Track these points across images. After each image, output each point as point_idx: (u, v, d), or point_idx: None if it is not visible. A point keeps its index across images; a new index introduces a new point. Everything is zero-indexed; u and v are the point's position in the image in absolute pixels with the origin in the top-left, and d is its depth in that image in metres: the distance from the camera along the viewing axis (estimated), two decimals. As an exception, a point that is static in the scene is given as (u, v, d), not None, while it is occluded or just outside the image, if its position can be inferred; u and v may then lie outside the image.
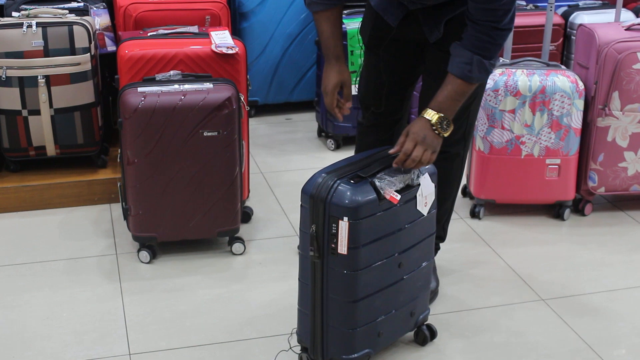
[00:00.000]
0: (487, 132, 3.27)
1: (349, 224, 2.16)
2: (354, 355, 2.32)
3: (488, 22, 2.24)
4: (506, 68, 3.25)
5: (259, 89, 4.45)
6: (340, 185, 2.17)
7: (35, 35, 3.22)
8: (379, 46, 2.60)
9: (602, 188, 3.39)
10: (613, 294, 2.89)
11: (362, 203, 2.16)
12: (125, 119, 2.82)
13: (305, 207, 2.24)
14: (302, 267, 2.31)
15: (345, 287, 2.25)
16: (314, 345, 2.35)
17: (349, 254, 2.19)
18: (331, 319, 2.29)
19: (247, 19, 4.32)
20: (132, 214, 2.96)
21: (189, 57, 3.01)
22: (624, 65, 3.18)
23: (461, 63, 2.29)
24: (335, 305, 2.27)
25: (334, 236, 2.18)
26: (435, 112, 2.30)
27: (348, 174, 2.22)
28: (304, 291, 2.33)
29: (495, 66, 2.27)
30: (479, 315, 2.74)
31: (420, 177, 2.32)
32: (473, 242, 3.24)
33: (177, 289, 2.86)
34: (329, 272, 2.24)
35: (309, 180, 2.23)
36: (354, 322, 2.29)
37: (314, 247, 2.21)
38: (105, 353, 2.51)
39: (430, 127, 2.30)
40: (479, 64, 2.27)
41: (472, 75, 2.29)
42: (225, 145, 2.89)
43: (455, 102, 2.32)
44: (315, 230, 2.20)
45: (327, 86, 2.52)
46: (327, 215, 2.18)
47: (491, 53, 2.28)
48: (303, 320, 2.37)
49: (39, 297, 2.80)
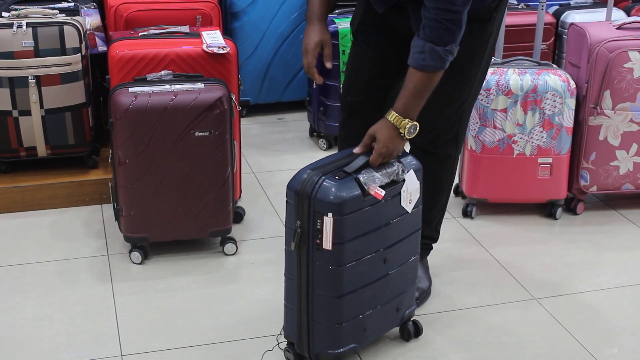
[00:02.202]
0: (479, 132, 3.27)
1: (334, 219, 2.16)
2: (340, 350, 2.33)
3: (434, 6, 2.20)
4: (498, 67, 3.25)
5: (251, 88, 4.44)
6: (325, 181, 2.18)
7: (25, 35, 3.21)
8: (368, 33, 2.58)
9: (594, 187, 3.40)
10: (605, 292, 2.89)
11: (346, 199, 2.17)
12: (117, 119, 2.81)
13: (290, 203, 2.24)
14: (288, 262, 2.32)
15: (331, 283, 2.26)
16: (300, 340, 2.36)
17: (333, 250, 2.20)
18: (317, 314, 2.30)
19: (238, 18, 4.31)
20: (124, 215, 2.95)
21: (180, 57, 3.00)
22: (615, 64, 3.19)
23: (416, 53, 2.25)
24: (321, 300, 2.28)
25: (318, 232, 2.19)
26: (401, 117, 2.28)
27: (333, 170, 2.23)
28: (290, 287, 2.34)
29: (454, 53, 2.25)
30: (471, 314, 2.74)
31: (405, 172, 2.32)
32: (465, 241, 3.24)
33: (169, 289, 2.86)
34: (315, 268, 2.25)
35: (294, 177, 2.24)
36: (340, 317, 2.30)
37: (295, 241, 2.21)
38: (97, 354, 2.50)
39: (398, 135, 2.29)
40: (431, 52, 2.22)
41: (426, 64, 2.24)
42: (216, 145, 2.89)
43: (419, 99, 2.29)
44: (300, 226, 2.21)
45: (308, 44, 2.47)
46: (311, 211, 2.18)
47: (443, 39, 2.22)
48: (289, 315, 2.38)
49: (30, 298, 2.79)
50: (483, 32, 2.50)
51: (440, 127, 2.60)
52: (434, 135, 2.60)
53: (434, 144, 2.61)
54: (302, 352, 2.38)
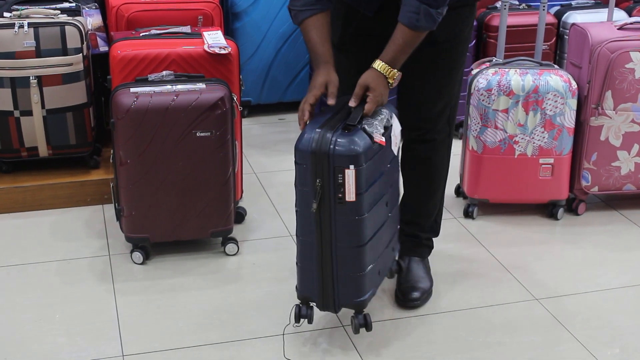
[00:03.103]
0: (481, 132, 3.27)
1: (356, 171, 2.24)
2: (364, 297, 2.42)
3: None
4: (499, 68, 3.25)
5: (252, 89, 4.44)
6: (338, 137, 2.25)
7: (27, 35, 3.21)
8: (352, 43, 2.59)
9: (596, 187, 3.40)
10: (606, 293, 2.89)
11: (363, 149, 2.25)
12: (118, 119, 2.81)
13: (303, 164, 2.29)
14: (301, 223, 2.36)
15: (354, 233, 2.33)
16: (324, 296, 2.42)
17: (357, 200, 2.27)
18: (341, 267, 2.37)
19: (239, 18, 4.31)
20: (125, 215, 2.95)
21: (181, 57, 3.00)
22: (616, 64, 3.19)
23: (409, 12, 2.32)
24: (344, 252, 2.35)
25: (340, 186, 2.26)
26: (389, 67, 2.37)
27: (337, 124, 2.31)
28: (305, 248, 2.39)
29: (443, 14, 2.34)
30: (472, 315, 2.74)
31: (392, 118, 2.44)
32: (466, 241, 3.23)
33: (171, 289, 2.86)
34: (337, 222, 2.31)
35: (302, 139, 2.28)
36: (363, 265, 2.38)
37: (316, 200, 2.28)
38: (98, 354, 2.50)
39: (387, 84, 2.39)
40: (426, 13, 2.30)
41: (419, 25, 2.32)
42: (218, 145, 2.89)
43: (405, 53, 2.39)
44: (320, 184, 2.27)
45: (313, 85, 2.48)
46: (331, 167, 2.25)
47: (437, 2, 2.30)
48: (307, 276, 2.42)
49: (31, 298, 2.79)
50: (472, 17, 2.61)
51: (436, 116, 2.66)
52: (430, 125, 2.67)
53: (432, 132, 2.68)
54: (327, 309, 2.44)
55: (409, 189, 2.81)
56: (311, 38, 2.46)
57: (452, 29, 2.52)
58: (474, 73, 3.30)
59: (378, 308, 2.73)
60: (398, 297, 2.77)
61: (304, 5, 2.44)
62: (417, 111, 2.66)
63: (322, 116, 2.37)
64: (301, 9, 2.45)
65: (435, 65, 2.57)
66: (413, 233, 2.83)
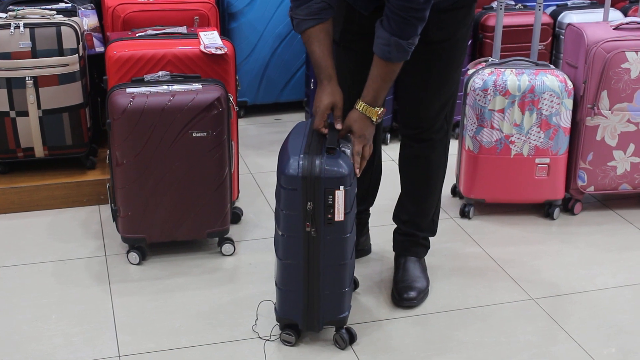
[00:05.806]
0: (477, 132, 3.28)
1: (345, 191, 2.32)
2: (346, 312, 2.50)
3: (399, 3, 2.25)
4: (495, 68, 3.25)
5: (248, 89, 4.44)
6: (325, 160, 2.32)
7: (22, 36, 3.21)
8: (352, 41, 2.60)
9: (592, 187, 3.40)
10: (603, 292, 2.89)
11: (348, 171, 2.34)
12: (114, 119, 2.81)
13: (292, 189, 2.33)
14: (286, 247, 2.41)
15: (339, 251, 2.41)
16: (308, 316, 2.47)
17: (344, 219, 2.35)
18: (327, 286, 2.43)
19: (235, 19, 4.31)
20: (121, 215, 2.95)
21: (177, 57, 3.00)
22: (612, 64, 3.19)
23: (381, 45, 2.33)
24: (329, 271, 2.41)
25: (330, 207, 2.33)
26: (370, 106, 2.41)
27: (320, 148, 2.36)
28: (290, 270, 2.43)
29: (415, 43, 2.34)
30: (469, 314, 2.74)
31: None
32: (463, 241, 3.24)
33: (167, 290, 2.86)
34: (325, 242, 2.37)
35: (289, 165, 2.34)
36: (345, 282, 2.46)
37: (310, 223, 2.33)
38: (94, 355, 2.50)
39: (371, 123, 2.43)
40: (396, 45, 2.30)
41: (391, 56, 2.33)
42: (214, 146, 2.89)
43: (385, 89, 2.41)
44: (312, 207, 2.32)
45: (318, 107, 2.47)
46: (322, 189, 2.31)
47: (407, 33, 2.29)
48: (289, 298, 2.47)
49: (27, 299, 2.79)
50: (468, 18, 2.59)
51: (433, 115, 2.66)
52: (428, 125, 2.67)
53: (429, 132, 2.69)
54: (310, 328, 2.49)
55: (406, 188, 2.81)
56: (314, 50, 2.45)
57: (446, 30, 2.52)
58: (470, 73, 3.30)
59: (374, 307, 2.74)
60: (394, 296, 2.77)
61: (307, 15, 2.41)
62: (414, 110, 2.66)
63: (295, 139, 2.44)
64: (304, 19, 2.43)
65: (431, 65, 2.57)
66: (410, 232, 2.83)
